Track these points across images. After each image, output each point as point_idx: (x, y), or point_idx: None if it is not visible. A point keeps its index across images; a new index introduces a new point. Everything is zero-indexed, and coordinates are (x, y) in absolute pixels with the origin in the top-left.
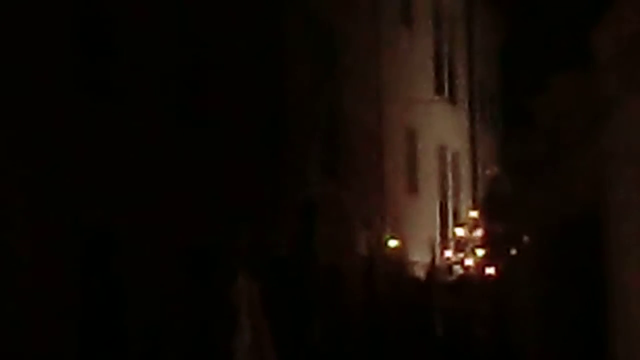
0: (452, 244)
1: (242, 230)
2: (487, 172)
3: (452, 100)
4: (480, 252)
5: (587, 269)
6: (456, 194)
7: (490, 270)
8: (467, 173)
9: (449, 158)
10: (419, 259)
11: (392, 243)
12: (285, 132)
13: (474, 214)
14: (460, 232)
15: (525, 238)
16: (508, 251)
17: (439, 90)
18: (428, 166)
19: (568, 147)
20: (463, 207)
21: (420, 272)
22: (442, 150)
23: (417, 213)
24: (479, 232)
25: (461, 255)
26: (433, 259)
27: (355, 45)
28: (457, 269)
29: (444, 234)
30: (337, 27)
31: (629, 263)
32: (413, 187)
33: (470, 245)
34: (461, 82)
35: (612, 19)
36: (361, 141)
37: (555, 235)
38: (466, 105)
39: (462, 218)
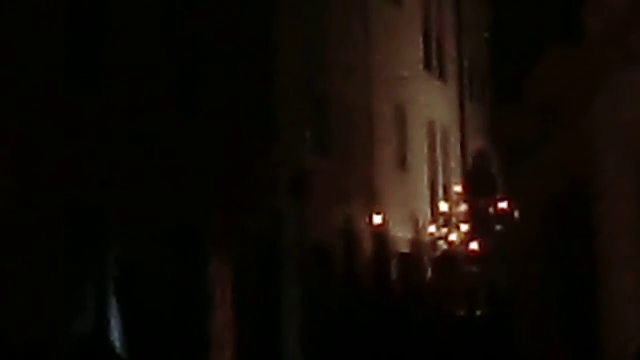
0: (437, 219)
1: (217, 212)
2: (472, 146)
3: (441, 75)
4: (464, 228)
5: (577, 246)
6: (445, 169)
7: (474, 246)
8: (456, 148)
9: (438, 133)
10: (407, 235)
11: (376, 219)
12: (275, 110)
13: (457, 188)
14: (444, 207)
15: (516, 213)
16: (493, 227)
17: (428, 65)
18: (417, 141)
19: (559, 122)
20: (452, 183)
21: (404, 248)
22: (431, 126)
23: (406, 188)
24: (463, 207)
25: (445, 230)
26: (417, 235)
27: (345, 22)
28: (442, 244)
29: (433, 209)
30: (326, 4)
31: (619, 241)
32: (402, 163)
33: (454, 220)
34: (450, 57)
35: None
36: (350, 117)
37: (544, 211)
38: (455, 81)
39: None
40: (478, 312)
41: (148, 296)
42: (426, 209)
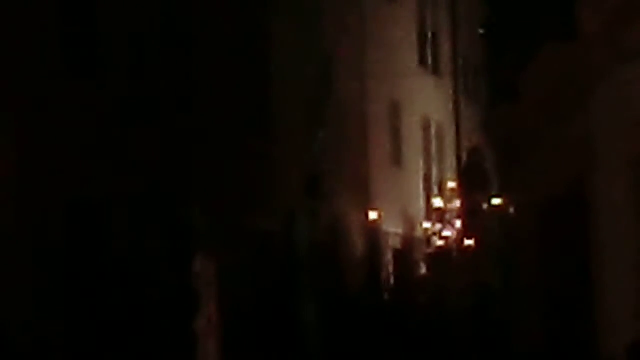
0: (431, 215)
1: (197, 211)
2: (466, 143)
3: (437, 72)
4: (458, 224)
5: (573, 244)
6: (440, 166)
7: (469, 242)
8: (451, 145)
9: (433, 130)
10: (402, 231)
11: (372, 215)
12: (272, 111)
13: (452, 184)
14: (438, 203)
15: (511, 210)
16: (487, 223)
17: (423, 62)
18: (412, 139)
19: (554, 120)
20: (447, 179)
21: (399, 245)
22: (426, 123)
23: (401, 185)
24: (457, 203)
25: (439, 226)
26: (412, 231)
27: (340, 19)
28: (436, 240)
29: (428, 206)
30: (322, 1)
31: (615, 239)
32: (397, 160)
33: (449, 216)
34: (445, 54)
35: None
36: (345, 114)
37: (540, 209)
38: (450, 78)
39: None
40: (472, 309)
41: (144, 293)
42: (421, 206)
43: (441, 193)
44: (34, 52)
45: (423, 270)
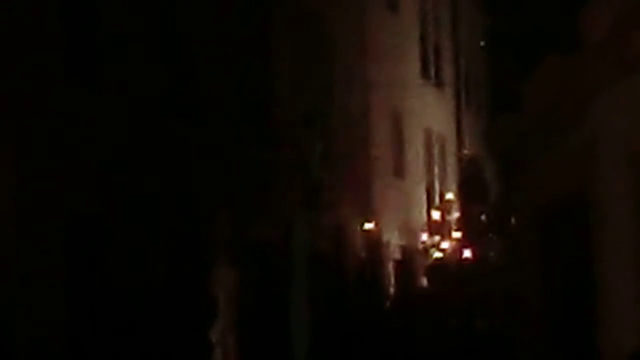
0: (430, 227)
1: (222, 218)
2: (464, 153)
3: (438, 83)
4: (456, 235)
5: (574, 255)
6: (442, 178)
7: (467, 254)
8: (453, 157)
9: (435, 142)
10: (404, 243)
11: (367, 226)
12: (272, 120)
13: (450, 196)
14: (436, 214)
15: (513, 221)
16: (486, 234)
17: (425, 73)
18: (414, 150)
19: (555, 130)
20: (448, 190)
21: (401, 256)
22: (428, 134)
23: (403, 197)
24: (455, 215)
25: (437, 238)
26: (414, 243)
27: (341, 30)
28: (434, 252)
29: (428, 218)
30: (322, 12)
31: (617, 249)
32: (399, 171)
33: (447, 228)
34: (447, 65)
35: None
36: (347, 125)
37: (541, 219)
38: (452, 89)
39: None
40: (472, 321)
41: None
42: (423, 217)
43: (441, 204)
44: (34, 58)
45: (423, 282)
